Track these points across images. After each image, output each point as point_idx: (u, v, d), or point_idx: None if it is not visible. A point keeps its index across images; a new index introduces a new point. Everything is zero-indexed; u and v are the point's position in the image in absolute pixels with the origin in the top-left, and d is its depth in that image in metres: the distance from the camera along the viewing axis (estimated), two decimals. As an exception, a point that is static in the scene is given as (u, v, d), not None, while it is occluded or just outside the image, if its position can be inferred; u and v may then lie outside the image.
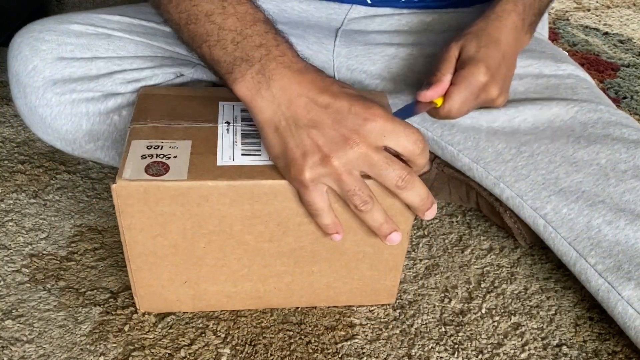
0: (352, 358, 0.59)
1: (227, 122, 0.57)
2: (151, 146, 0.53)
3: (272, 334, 0.61)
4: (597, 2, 1.42)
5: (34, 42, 0.66)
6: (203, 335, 0.60)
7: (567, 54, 0.77)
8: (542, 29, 0.81)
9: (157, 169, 0.51)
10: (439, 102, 0.60)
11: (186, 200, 0.52)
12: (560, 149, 0.64)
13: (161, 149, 0.53)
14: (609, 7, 1.40)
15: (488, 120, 0.67)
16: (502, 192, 0.66)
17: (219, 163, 0.53)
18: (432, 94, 0.59)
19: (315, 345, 0.60)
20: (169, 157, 0.52)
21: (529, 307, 0.65)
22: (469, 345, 0.61)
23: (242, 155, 0.54)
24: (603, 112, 0.65)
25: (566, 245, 0.62)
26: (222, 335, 0.60)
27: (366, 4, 0.76)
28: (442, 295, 0.66)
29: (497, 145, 0.66)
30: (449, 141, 0.69)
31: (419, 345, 0.61)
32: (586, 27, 1.29)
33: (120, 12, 0.72)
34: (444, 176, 0.76)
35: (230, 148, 0.54)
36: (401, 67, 0.72)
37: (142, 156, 0.52)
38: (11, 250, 0.68)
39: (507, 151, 0.65)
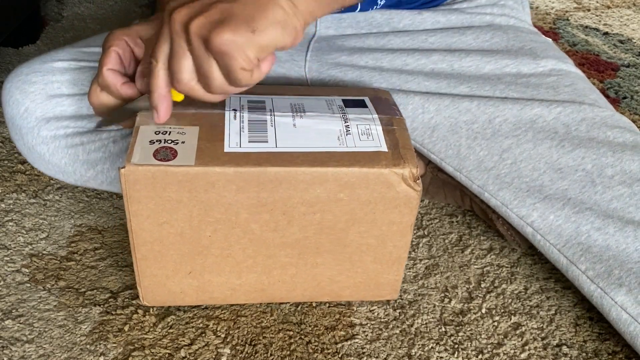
0: (352, 358, 0.59)
1: (234, 110, 0.57)
2: (159, 132, 0.54)
3: (272, 334, 0.61)
4: (597, 2, 1.42)
5: (23, 84, 0.68)
6: (203, 335, 0.60)
7: (550, 40, 0.74)
8: (523, 12, 0.77)
9: (166, 154, 0.52)
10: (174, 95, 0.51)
11: (193, 187, 0.52)
12: (544, 155, 0.62)
13: (169, 134, 0.54)
14: (609, 7, 1.40)
15: (467, 121, 0.65)
16: (488, 200, 0.65)
17: (226, 149, 0.53)
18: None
19: (315, 345, 0.60)
20: (177, 143, 0.53)
21: (529, 307, 0.65)
22: (469, 345, 0.61)
23: (249, 142, 0.54)
24: (587, 112, 0.63)
25: (556, 252, 0.61)
26: (222, 335, 0.60)
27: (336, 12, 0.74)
28: (442, 295, 0.66)
29: (478, 153, 0.65)
30: (430, 149, 0.68)
31: (419, 345, 0.61)
32: (586, 27, 1.29)
33: (100, 43, 0.73)
34: (438, 180, 0.75)
35: (237, 135, 0.54)
36: (373, 75, 0.70)
37: (150, 141, 0.53)
38: (11, 250, 0.68)
39: (489, 159, 0.64)
